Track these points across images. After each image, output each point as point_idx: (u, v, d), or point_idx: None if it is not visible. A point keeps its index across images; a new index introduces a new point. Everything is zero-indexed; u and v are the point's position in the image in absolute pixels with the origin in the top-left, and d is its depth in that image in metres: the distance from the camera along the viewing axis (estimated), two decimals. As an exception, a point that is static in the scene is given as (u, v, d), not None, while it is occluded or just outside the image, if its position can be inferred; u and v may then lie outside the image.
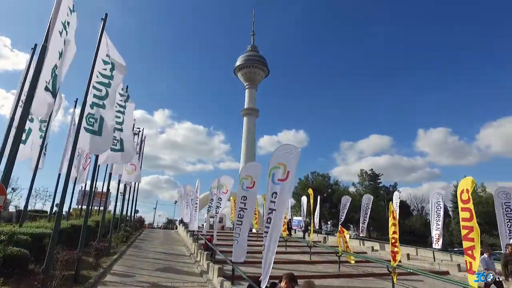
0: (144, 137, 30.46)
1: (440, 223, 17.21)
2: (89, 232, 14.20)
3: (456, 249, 28.87)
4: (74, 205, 32.36)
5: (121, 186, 20.03)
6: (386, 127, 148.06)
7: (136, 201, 29.69)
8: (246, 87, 74.03)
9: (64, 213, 19.71)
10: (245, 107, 72.58)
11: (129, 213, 28.48)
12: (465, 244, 7.91)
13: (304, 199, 28.11)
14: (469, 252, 7.82)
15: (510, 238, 12.84)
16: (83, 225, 10.07)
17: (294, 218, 38.69)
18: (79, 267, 8.69)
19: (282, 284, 4.40)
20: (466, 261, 7.94)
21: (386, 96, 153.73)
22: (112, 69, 10.44)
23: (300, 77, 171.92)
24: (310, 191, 18.71)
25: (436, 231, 17.13)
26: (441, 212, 17.37)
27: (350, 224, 54.50)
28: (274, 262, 13.18)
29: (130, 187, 25.24)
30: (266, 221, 5.90)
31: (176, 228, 37.99)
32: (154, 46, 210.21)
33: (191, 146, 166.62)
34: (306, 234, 26.83)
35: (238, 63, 73.87)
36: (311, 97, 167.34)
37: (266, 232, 5.88)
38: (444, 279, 9.90)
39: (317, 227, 31.87)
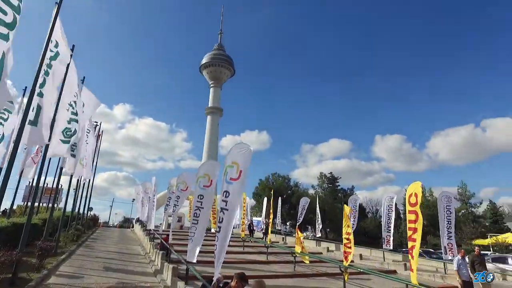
0: (102, 132, 29.12)
1: (391, 225, 18.20)
2: (35, 230, 13.26)
3: (405, 249, 30.59)
4: (20, 202, 30.23)
5: (74, 181, 18.98)
6: (346, 132, 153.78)
7: (90, 198, 28.21)
8: (211, 85, 73.43)
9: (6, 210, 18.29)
10: (209, 105, 71.95)
11: (82, 211, 27.05)
12: (410, 244, 8.40)
13: (266, 200, 28.45)
14: (411, 251, 8.33)
15: (448, 238, 13.90)
16: (26, 223, 9.34)
17: (254, 218, 38.90)
18: (18, 269, 8.04)
19: (233, 283, 4.39)
20: (410, 260, 8.45)
21: (347, 101, 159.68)
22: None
23: (266, 79, 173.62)
24: (272, 192, 18.99)
25: (387, 233, 18.07)
26: (393, 215, 18.38)
27: (308, 225, 55.79)
28: (231, 262, 13.31)
29: (84, 183, 23.98)
30: (218, 221, 5.86)
31: (133, 227, 36.75)
32: (117, 38, 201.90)
33: (152, 143, 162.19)
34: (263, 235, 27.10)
35: (204, 61, 73.08)
36: (275, 99, 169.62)
37: (219, 232, 5.85)
38: (390, 277, 10.44)
39: (279, 228, 32.33)
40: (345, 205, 10.70)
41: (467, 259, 10.76)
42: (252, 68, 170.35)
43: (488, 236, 32.05)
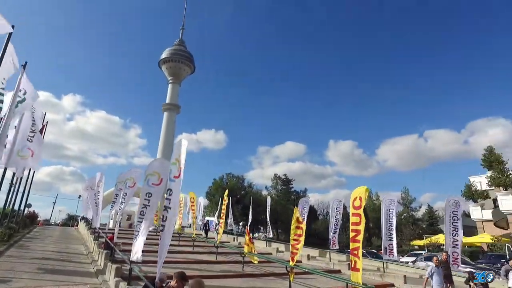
0: (46, 123, 27.06)
1: (338, 227, 19.08)
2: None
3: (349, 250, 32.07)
4: None
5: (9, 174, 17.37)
6: (302, 135, 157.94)
7: (28, 193, 25.99)
8: (170, 81, 71.53)
9: None
10: (166, 102, 70.10)
11: (17, 208, 24.82)
12: (352, 245, 8.82)
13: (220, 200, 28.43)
14: (355, 252, 8.76)
15: (389, 239, 14.86)
16: None
17: (208, 218, 38.60)
18: None
19: (172, 283, 4.32)
20: (351, 260, 8.88)
21: (304, 106, 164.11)
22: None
23: (226, 78, 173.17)
24: (226, 193, 18.89)
25: (333, 234, 18.90)
26: (339, 217, 19.28)
27: (260, 226, 56.44)
28: (180, 262, 13.04)
29: (21, 177, 22.02)
30: (162, 219, 5.74)
31: (77, 225, 34.69)
32: (68, 22, 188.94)
33: (104, 137, 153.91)
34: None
35: (163, 55, 70.97)
36: (234, 99, 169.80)
37: (162, 231, 5.72)
38: (333, 277, 10.90)
39: (231, 228, 32.36)
40: (295, 208, 10.98)
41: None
42: (213, 67, 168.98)
43: (424, 237, 34.78)
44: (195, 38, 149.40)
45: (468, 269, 13.24)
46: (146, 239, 8.62)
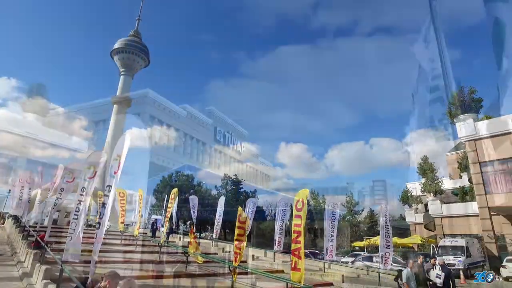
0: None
1: (283, 228, 19.59)
2: None
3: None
4: None
5: None
6: (254, 136, 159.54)
7: None
8: (122, 73, 68.47)
9: None
10: (117, 94, 66.88)
11: None
12: (294, 246, 9.08)
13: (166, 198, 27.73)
14: (296, 252, 9.02)
15: (330, 241, 15.58)
16: None
17: (154, 216, 37.43)
18: None
19: (103, 283, 4.11)
20: (292, 260, 9.15)
21: (258, 107, 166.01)
22: None
23: (183, 75, 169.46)
24: (175, 191, 18.31)
25: (279, 235, 19.33)
26: (286, 219, 19.82)
27: (208, 225, 55.89)
28: (121, 262, 12.45)
29: None
30: (98, 216, 5.48)
31: (3, 223, 31.55)
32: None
33: (44, 127, 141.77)
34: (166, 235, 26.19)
35: (116, 45, 67.80)
36: (190, 97, 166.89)
37: (99, 228, 5.45)
38: (275, 276, 11.14)
39: (175, 227, 31.66)
40: (239, 208, 11.05)
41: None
42: (172, 62, 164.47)
43: (364, 239, 37.04)
44: (152, 31, 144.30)
45: (398, 268, 14.32)
46: (87, 237, 8.11)
